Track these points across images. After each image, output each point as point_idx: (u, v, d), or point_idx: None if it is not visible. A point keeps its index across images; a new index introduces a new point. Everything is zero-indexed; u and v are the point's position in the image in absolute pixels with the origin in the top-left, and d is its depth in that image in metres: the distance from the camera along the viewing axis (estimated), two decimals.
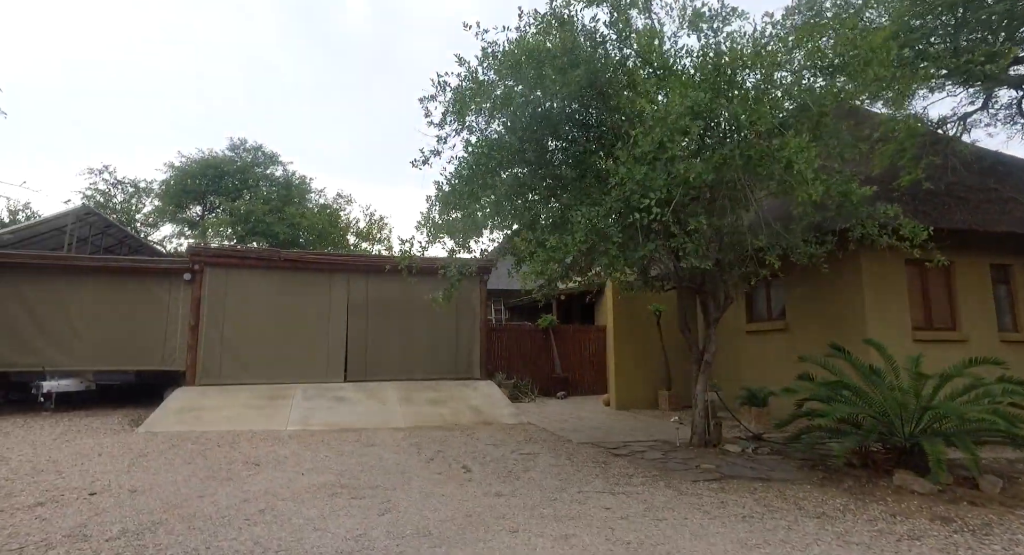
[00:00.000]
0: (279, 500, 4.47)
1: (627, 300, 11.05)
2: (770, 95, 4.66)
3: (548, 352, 13.35)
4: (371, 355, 10.88)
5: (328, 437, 7.35)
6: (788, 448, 6.69)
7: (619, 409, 10.67)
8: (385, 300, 11.10)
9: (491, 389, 10.69)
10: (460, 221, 5.60)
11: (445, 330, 11.35)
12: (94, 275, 9.70)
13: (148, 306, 9.89)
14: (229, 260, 10.31)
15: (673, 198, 4.43)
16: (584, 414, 10.12)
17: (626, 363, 10.90)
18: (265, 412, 8.60)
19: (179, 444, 6.64)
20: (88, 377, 9.75)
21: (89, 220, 11.26)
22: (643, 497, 4.74)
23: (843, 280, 8.22)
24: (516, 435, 7.74)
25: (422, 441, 7.14)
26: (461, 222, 5.55)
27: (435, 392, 10.22)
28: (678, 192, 4.43)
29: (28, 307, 9.28)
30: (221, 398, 9.12)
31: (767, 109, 4.13)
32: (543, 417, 9.65)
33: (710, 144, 4.38)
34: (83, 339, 9.50)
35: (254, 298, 10.42)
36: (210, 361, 9.97)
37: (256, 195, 15.15)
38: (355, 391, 9.97)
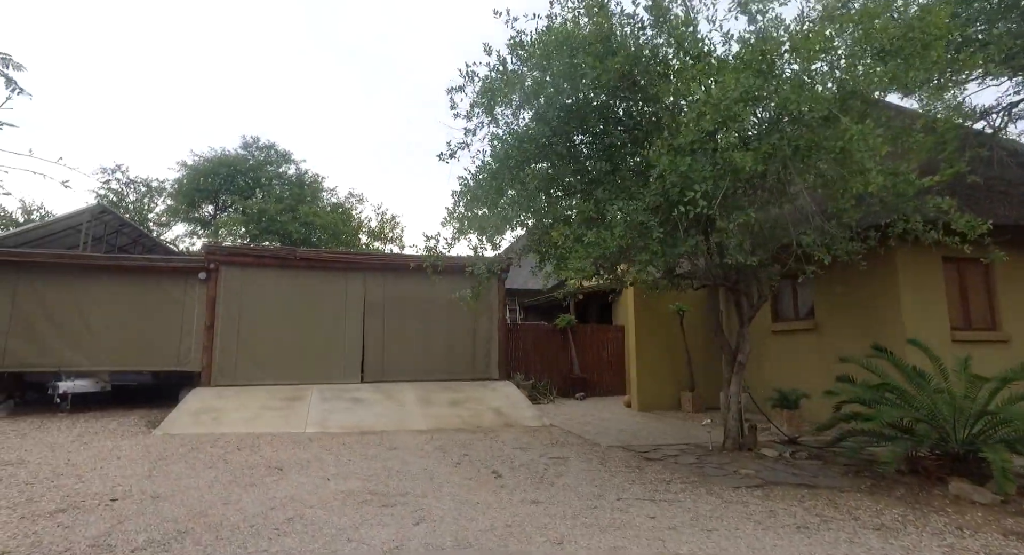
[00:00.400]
0: (307, 508, 4.28)
1: (648, 300, 10.80)
2: (818, 80, 4.42)
3: (566, 352, 13.12)
4: (388, 355, 10.70)
5: (349, 440, 7.17)
6: (827, 452, 6.43)
7: (641, 411, 10.43)
8: (402, 299, 10.92)
9: (510, 390, 10.49)
10: (488, 217, 5.39)
11: (463, 330, 11.16)
12: (109, 274, 9.59)
13: (163, 306, 9.77)
14: (245, 259, 10.17)
15: (720, 190, 4.20)
16: (606, 416, 9.89)
17: (648, 364, 10.66)
18: (283, 414, 8.44)
19: (198, 447, 6.48)
20: (104, 378, 9.64)
21: (104, 219, 11.14)
22: (687, 505, 4.51)
23: (877, 278, 7.94)
24: (541, 438, 7.52)
25: (445, 444, 6.95)
26: (489, 218, 5.33)
27: (454, 393, 10.03)
28: (725, 184, 4.19)
29: (44, 307, 9.18)
30: (238, 399, 8.98)
31: (826, 94, 3.88)
32: (565, 419, 9.43)
33: (758, 133, 4.14)
34: (99, 339, 9.38)
35: (270, 297, 10.28)
36: (226, 361, 9.84)
37: (269, 194, 15.01)
38: (372, 392, 9.80)
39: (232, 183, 15.48)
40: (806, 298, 9.68)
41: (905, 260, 7.68)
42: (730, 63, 4.00)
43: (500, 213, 5.37)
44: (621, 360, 13.56)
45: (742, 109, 3.82)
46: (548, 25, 5.38)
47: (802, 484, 5.16)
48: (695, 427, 8.59)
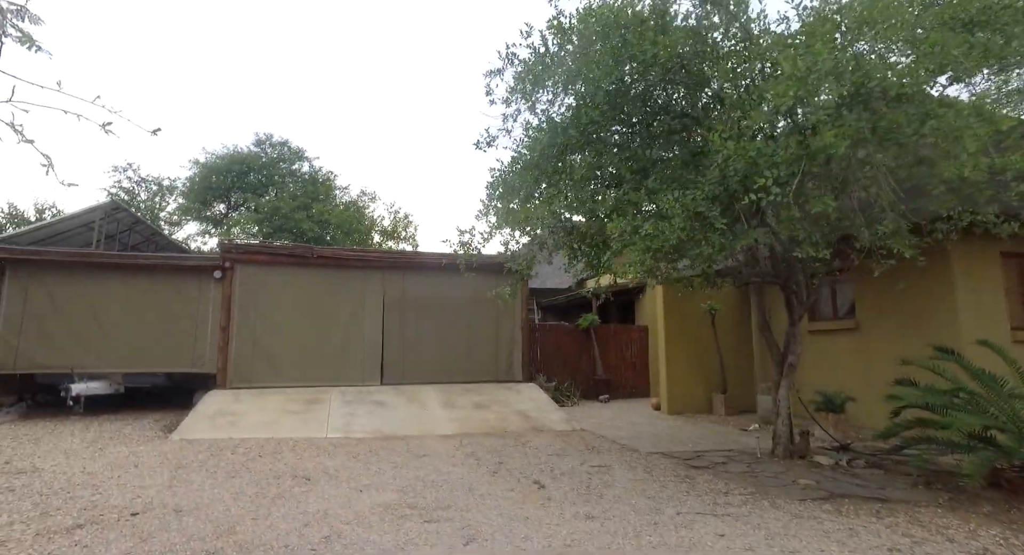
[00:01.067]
0: (343, 524, 3.93)
1: (677, 298, 10.41)
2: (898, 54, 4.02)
3: (588, 353, 12.73)
4: (408, 357, 10.36)
5: (374, 446, 6.82)
6: (885, 461, 6.02)
7: (671, 414, 10.03)
8: (422, 299, 10.58)
9: (535, 392, 10.12)
10: (528, 209, 5.02)
11: (485, 330, 10.81)
12: (123, 273, 9.30)
13: (178, 305, 9.47)
14: (261, 257, 9.86)
15: (795, 177, 3.82)
16: (636, 419, 9.50)
17: (677, 365, 10.26)
18: (303, 418, 8.11)
19: (218, 454, 6.15)
20: (117, 379, 9.35)
21: (117, 216, 10.86)
22: (753, 521, 4.12)
23: (928, 275, 7.49)
24: (574, 444, 7.15)
25: (476, 450, 6.59)
26: (533, 210, 4.96)
27: (477, 396, 9.67)
28: (800, 168, 3.81)
29: (56, 306, 8.90)
30: (255, 402, 8.66)
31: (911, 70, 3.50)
32: (594, 423, 9.05)
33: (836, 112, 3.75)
34: (112, 340, 9.10)
35: (286, 297, 9.97)
36: (242, 363, 9.53)
37: (282, 191, 14.70)
38: (394, 395, 9.46)
39: (244, 181, 15.18)
40: (845, 297, 9.25)
41: (960, 255, 7.24)
42: (820, 32, 3.61)
43: (542, 206, 5.00)
44: (645, 361, 13.17)
45: (832, 83, 3.43)
46: (591, 4, 5.02)
47: (872, 497, 4.76)
48: (733, 431, 8.19)
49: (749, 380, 10.58)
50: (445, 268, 10.62)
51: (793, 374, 6.41)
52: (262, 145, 15.66)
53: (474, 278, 10.88)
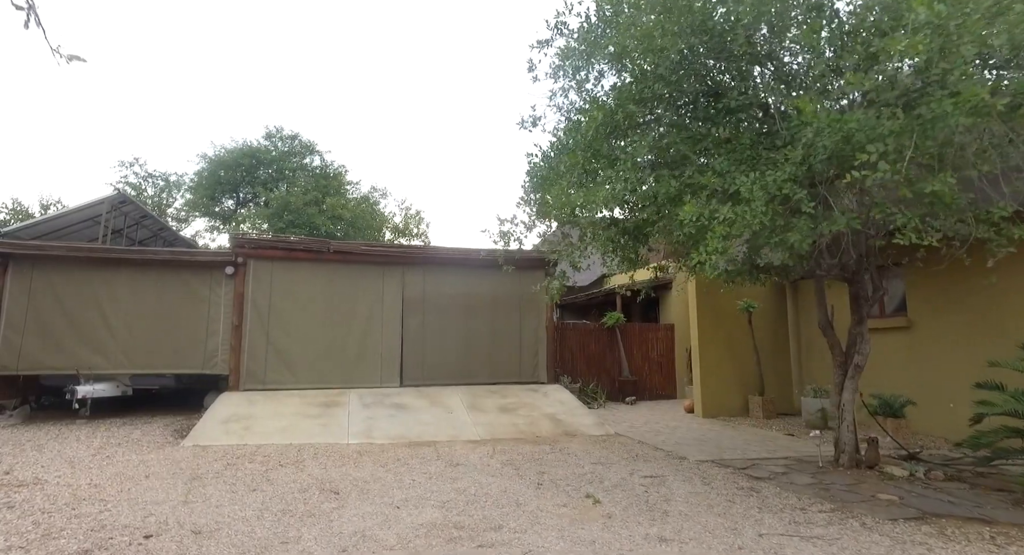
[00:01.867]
0: (387, 550, 3.44)
1: (712, 295, 9.89)
2: None
3: (613, 353, 12.22)
4: (429, 357, 9.87)
5: (401, 453, 6.33)
6: (967, 472, 5.49)
7: (707, 417, 9.51)
8: (443, 296, 10.09)
9: (563, 395, 9.62)
10: (582, 195, 4.51)
11: (508, 329, 10.31)
12: (131, 269, 8.84)
13: (188, 303, 9.01)
14: (275, 252, 9.38)
15: (905, 150, 3.30)
16: (671, 423, 8.98)
17: (712, 366, 9.74)
18: (321, 422, 7.64)
19: (235, 463, 5.67)
20: (124, 381, 8.90)
21: (124, 210, 10.39)
22: (850, 547, 3.61)
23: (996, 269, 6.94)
24: (615, 451, 6.64)
25: (513, 458, 6.09)
26: (584, 196, 4.45)
27: (502, 398, 9.18)
28: (912, 141, 3.29)
29: (60, 303, 8.46)
30: (270, 405, 8.19)
31: None
32: (628, 427, 8.54)
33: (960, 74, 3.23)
34: (119, 339, 8.65)
35: (302, 294, 9.49)
36: (255, 364, 9.07)
37: (293, 186, 14.20)
38: (415, 397, 8.97)
39: (254, 175, 14.68)
40: (895, 293, 8.71)
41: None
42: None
43: (595, 191, 4.49)
44: (670, 361, 12.65)
45: (986, 27, 2.91)
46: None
47: (973, 517, 4.23)
48: (779, 436, 7.66)
49: (786, 382, 10.06)
50: (467, 264, 10.16)
51: (859, 376, 5.87)
52: (272, 138, 15.19)
53: (498, 274, 10.39)
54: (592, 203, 4.33)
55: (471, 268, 10.25)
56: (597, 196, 4.24)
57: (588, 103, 5.02)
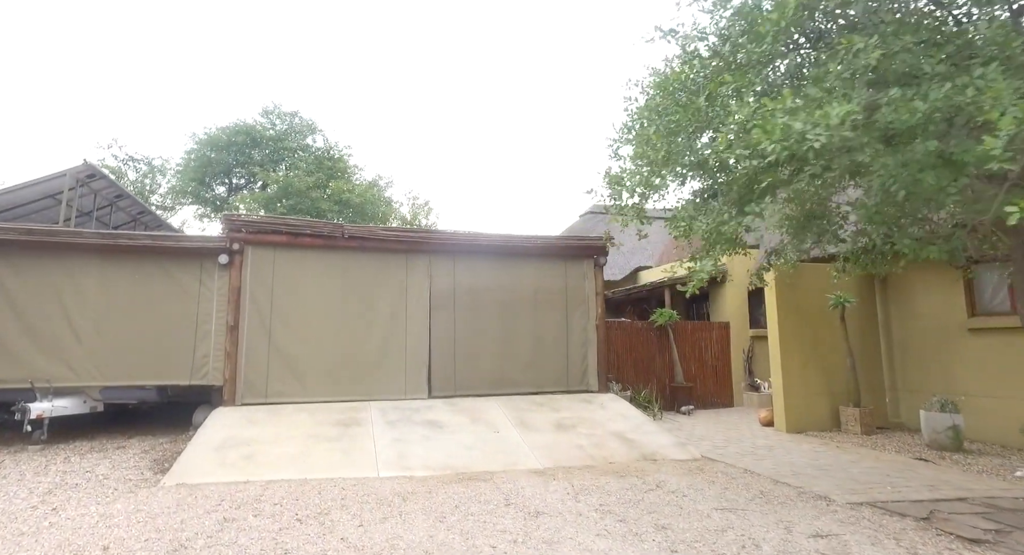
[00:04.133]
0: None
1: (793, 290, 8.45)
2: None
3: (663, 355, 10.74)
4: (461, 362, 8.33)
5: (453, 493, 4.79)
6: None
7: (791, 432, 8.05)
8: (477, 290, 8.56)
9: (621, 406, 8.12)
10: (803, 113, 2.94)
11: (552, 329, 8.79)
12: (102, 258, 7.21)
13: (173, 299, 7.40)
14: (278, 237, 7.79)
15: None
16: (758, 440, 7.51)
17: (796, 372, 8.28)
18: (341, 446, 6.08)
19: (236, 518, 4.10)
20: (93, 395, 7.27)
21: (94, 186, 8.65)
22: None
23: None
24: (725, 485, 5.14)
25: (606, 501, 4.57)
26: (802, 115, 2.89)
27: (553, 412, 7.66)
28: None
29: (11, 300, 6.82)
30: (275, 425, 6.62)
31: None
32: (710, 446, 7.06)
33: None
34: (86, 344, 7.02)
35: (310, 288, 7.92)
36: (254, 373, 7.49)
37: (293, 167, 12.54)
38: (449, 412, 7.43)
39: (248, 156, 12.96)
40: None
41: None
42: None
43: (802, 112, 2.92)
44: (726, 364, 11.21)
45: None
46: None
47: None
48: (909, 462, 6.19)
49: (877, 390, 8.62)
50: (504, 252, 8.63)
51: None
52: (269, 115, 13.50)
53: (539, 265, 8.92)
54: (822, 125, 2.75)
55: (508, 257, 8.74)
56: (827, 117, 2.67)
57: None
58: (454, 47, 58.15)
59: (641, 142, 4.20)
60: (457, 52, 59.15)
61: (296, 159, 12.67)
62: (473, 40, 61.48)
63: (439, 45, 56.94)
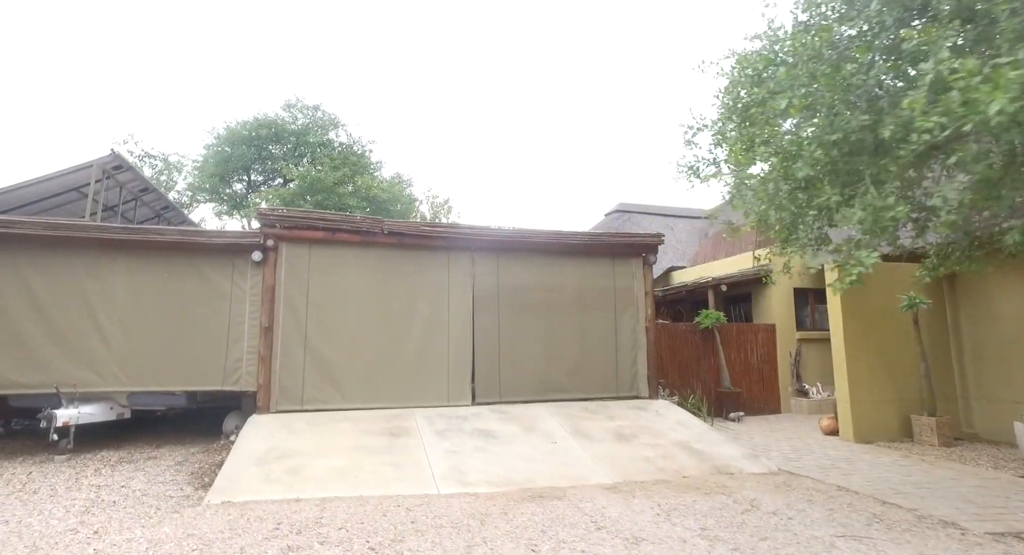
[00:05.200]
0: None
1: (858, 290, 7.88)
2: None
3: (709, 359, 10.24)
4: (506, 367, 7.85)
5: (527, 513, 4.31)
6: None
7: (860, 442, 7.53)
8: (521, 290, 8.08)
9: (677, 413, 7.62)
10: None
11: (600, 331, 8.31)
12: (129, 255, 6.78)
13: (204, 300, 6.96)
14: (314, 233, 7.33)
15: None
16: (831, 451, 7.00)
17: (863, 379, 7.76)
18: (392, 459, 5.60)
19: (300, 546, 3.61)
20: (120, 401, 6.83)
21: (120, 179, 8.17)
22: None
23: None
24: (831, 506, 4.64)
25: (706, 525, 4.08)
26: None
27: (609, 420, 7.17)
28: None
29: (35, 301, 6.38)
30: (317, 435, 6.15)
31: None
32: (780, 458, 6.55)
33: None
34: (113, 347, 6.58)
35: (347, 287, 7.46)
36: (289, 378, 7.03)
37: (316, 162, 12.05)
38: (498, 420, 6.96)
39: (269, 151, 12.45)
40: None
41: None
42: None
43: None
44: (773, 368, 10.70)
45: None
46: None
47: None
48: (1015, 480, 5.67)
49: (950, 398, 8.09)
50: (548, 249, 8.16)
51: None
52: (291, 109, 13.04)
53: (586, 263, 8.44)
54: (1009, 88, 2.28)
55: (554, 255, 8.27)
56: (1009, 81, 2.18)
57: None
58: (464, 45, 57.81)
59: (756, 122, 3.73)
60: (468, 51, 58.81)
61: (319, 154, 12.23)
62: (481, 40, 61.14)
63: (448, 43, 56.62)
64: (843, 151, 3.30)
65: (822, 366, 11.10)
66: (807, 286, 11.31)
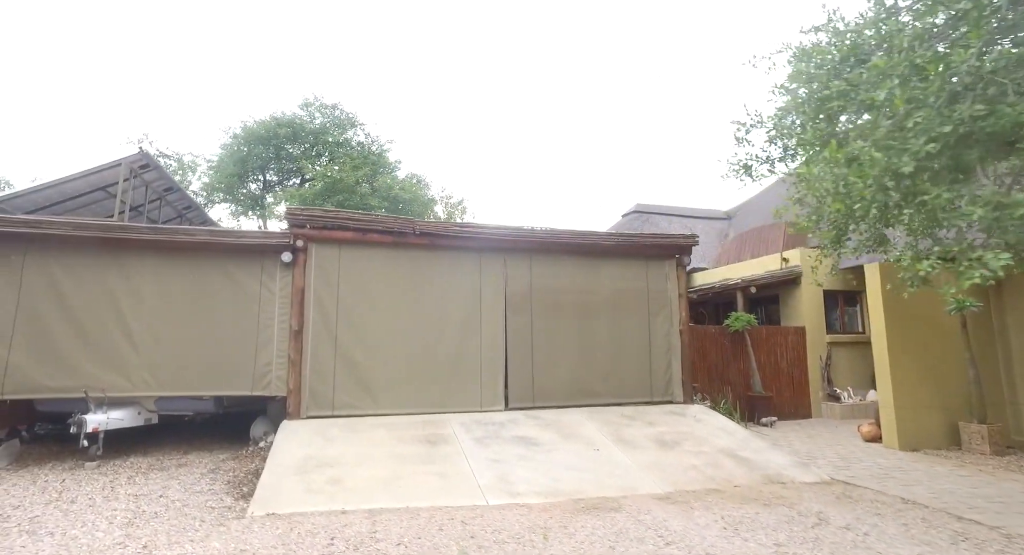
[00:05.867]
0: None
1: (901, 293, 7.69)
2: None
3: (738, 362, 10.01)
4: (539, 371, 7.65)
5: (590, 526, 4.10)
6: None
7: (905, 449, 7.30)
8: (554, 292, 7.89)
9: (715, 419, 7.41)
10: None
11: (633, 334, 8.10)
12: (156, 256, 6.61)
13: (233, 302, 6.79)
14: (344, 234, 7.15)
15: None
16: (879, 460, 6.77)
17: (907, 384, 7.53)
18: (435, 469, 5.40)
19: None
20: (148, 406, 6.66)
21: (146, 178, 7.98)
22: None
23: None
24: (905, 520, 4.42)
25: (779, 541, 3.86)
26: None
27: (648, 426, 6.97)
28: None
29: (63, 303, 6.22)
30: (354, 443, 5.96)
31: None
32: (829, 466, 6.33)
33: None
34: (142, 351, 6.41)
35: (378, 289, 7.28)
36: (320, 383, 6.85)
37: (335, 161, 11.83)
38: (535, 426, 6.76)
39: (287, 151, 12.26)
40: None
41: None
42: None
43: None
44: (803, 372, 10.46)
45: None
46: None
47: None
48: None
49: (999, 404, 7.84)
50: (581, 251, 7.97)
51: None
52: (309, 108, 12.85)
53: (619, 264, 8.24)
54: None
55: (586, 256, 8.08)
56: None
57: None
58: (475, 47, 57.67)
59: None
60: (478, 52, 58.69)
61: (338, 154, 12.03)
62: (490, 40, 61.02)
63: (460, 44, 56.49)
64: (949, 144, 3.11)
65: (853, 370, 10.88)
66: (836, 288, 11.08)
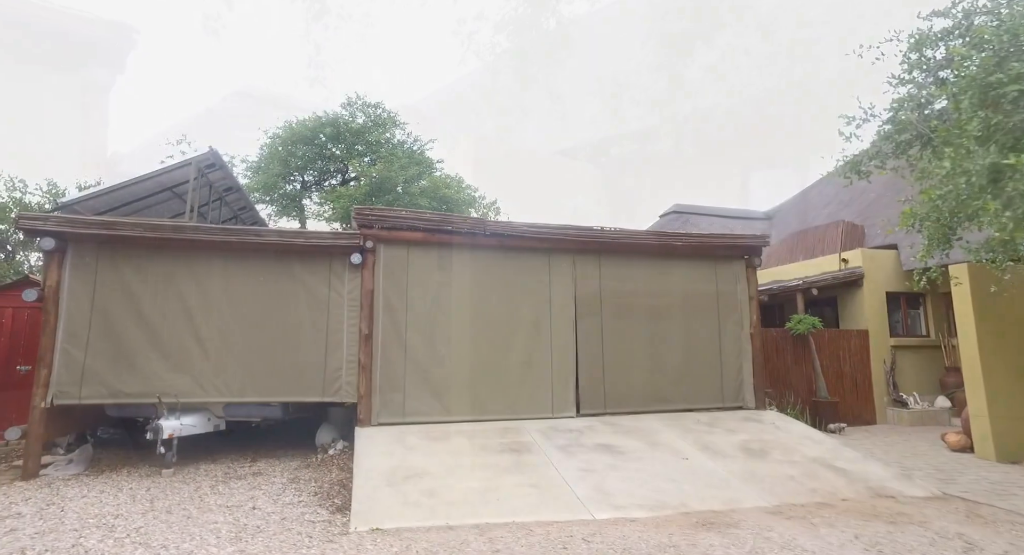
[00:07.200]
0: None
1: (992, 294, 7.35)
2: None
3: (800, 366, 9.69)
4: (610, 376, 7.40)
5: (717, 545, 3.85)
6: None
7: (1003, 461, 6.94)
8: (623, 294, 7.64)
9: (797, 426, 7.11)
10: None
11: (703, 338, 7.82)
12: (225, 258, 6.45)
13: (301, 305, 6.61)
14: (412, 234, 6.95)
15: None
16: (982, 473, 6.42)
17: (1002, 390, 7.17)
18: (527, 479, 5.17)
19: None
20: (217, 412, 6.51)
21: (211, 177, 7.89)
22: None
23: None
24: None
25: None
26: None
27: (729, 433, 6.69)
28: None
29: (135, 306, 6.08)
30: (436, 452, 5.74)
31: None
32: (930, 479, 6.01)
33: None
34: (212, 356, 6.25)
35: (446, 291, 7.07)
36: (390, 388, 6.65)
37: (379, 160, 11.66)
38: (614, 434, 6.50)
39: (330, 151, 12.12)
40: None
41: None
42: None
43: None
44: (866, 377, 10.11)
45: None
46: None
47: None
48: None
49: None
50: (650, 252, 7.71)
51: None
52: (351, 106, 12.70)
53: (687, 265, 7.95)
54: None
55: (655, 257, 7.81)
56: None
57: None
58: None
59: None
60: None
61: (380, 154, 11.86)
62: None
63: None
64: None
65: (917, 375, 10.51)
66: (897, 290, 10.71)
